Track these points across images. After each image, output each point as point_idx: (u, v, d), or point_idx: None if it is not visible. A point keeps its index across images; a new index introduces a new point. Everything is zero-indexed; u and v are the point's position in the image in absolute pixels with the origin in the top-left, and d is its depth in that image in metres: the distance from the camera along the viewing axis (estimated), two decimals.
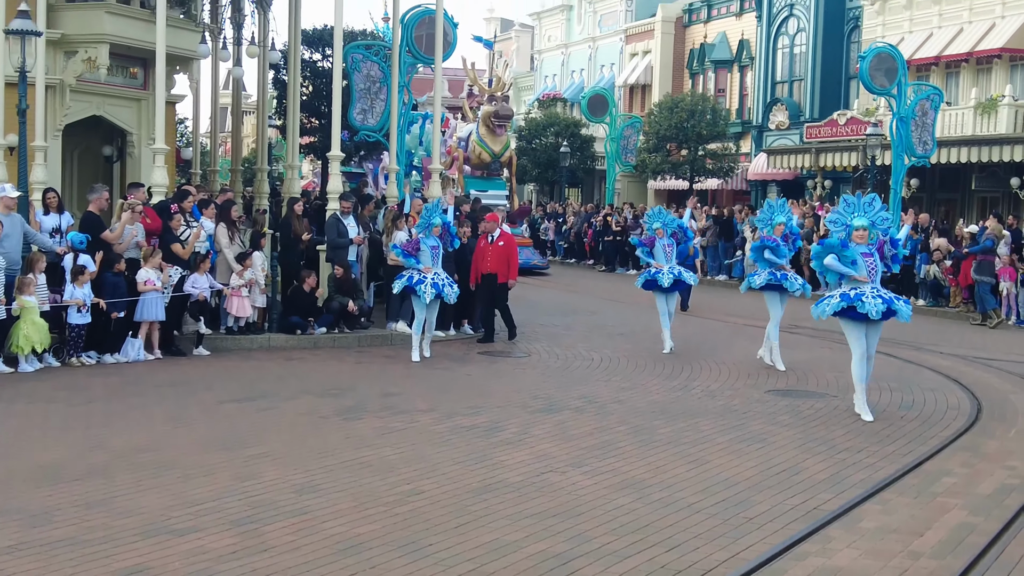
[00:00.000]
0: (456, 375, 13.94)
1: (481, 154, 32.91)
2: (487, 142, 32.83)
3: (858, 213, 11.38)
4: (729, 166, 40.97)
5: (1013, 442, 10.57)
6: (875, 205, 11.41)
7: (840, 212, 11.58)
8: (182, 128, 39.06)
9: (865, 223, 11.30)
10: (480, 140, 32.93)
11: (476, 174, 33.23)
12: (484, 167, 33.19)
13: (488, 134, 32.85)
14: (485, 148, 32.84)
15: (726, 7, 45.72)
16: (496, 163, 33.24)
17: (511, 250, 16.96)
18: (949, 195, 34.28)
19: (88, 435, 9.88)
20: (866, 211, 11.39)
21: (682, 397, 12.62)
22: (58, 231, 14.70)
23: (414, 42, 20.16)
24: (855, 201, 11.53)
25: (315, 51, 31.11)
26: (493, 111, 32.58)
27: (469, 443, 9.87)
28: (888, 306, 11.18)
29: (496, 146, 32.94)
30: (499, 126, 32.90)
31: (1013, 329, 20.90)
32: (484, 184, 32.72)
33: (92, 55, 17.85)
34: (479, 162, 33.07)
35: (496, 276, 16.74)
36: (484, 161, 33.03)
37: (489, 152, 32.87)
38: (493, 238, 16.82)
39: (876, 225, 11.37)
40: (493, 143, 32.88)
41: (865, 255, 11.30)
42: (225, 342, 15.55)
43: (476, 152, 32.98)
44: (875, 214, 11.38)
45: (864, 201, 11.48)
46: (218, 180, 25.84)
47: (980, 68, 33.49)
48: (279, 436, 10.00)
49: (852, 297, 11.18)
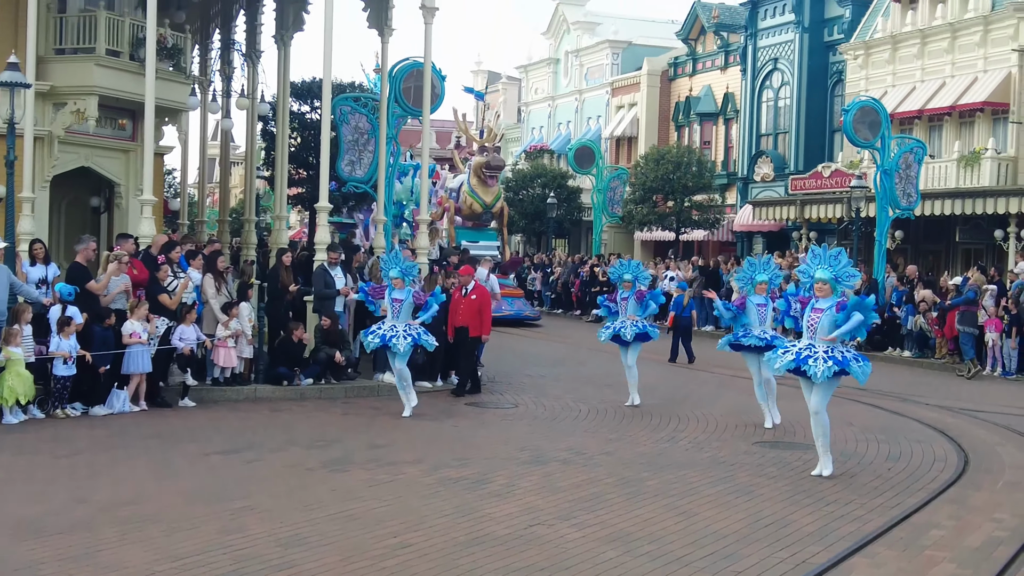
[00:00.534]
0: (443, 426, 13.90)
1: (472, 205, 32.81)
2: (478, 193, 32.75)
3: (822, 265, 11.10)
4: (715, 217, 41.18)
5: (1000, 494, 10.56)
6: (841, 259, 11.09)
7: (808, 263, 11.38)
8: (170, 179, 39.18)
9: (826, 276, 10.99)
10: (471, 191, 32.80)
11: (467, 225, 33.14)
12: (475, 218, 33.14)
13: (479, 185, 32.76)
14: (476, 199, 32.75)
15: (711, 61, 46.18)
16: (487, 214, 33.19)
17: (484, 304, 16.74)
18: (934, 247, 34.48)
19: (72, 488, 9.81)
20: (831, 264, 11.06)
21: (669, 449, 12.60)
22: (44, 282, 14.67)
23: (402, 94, 20.30)
24: (821, 253, 11.27)
25: (303, 103, 31.30)
26: (484, 162, 32.50)
27: (456, 495, 9.82)
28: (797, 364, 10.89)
29: (487, 197, 32.88)
30: (490, 177, 32.81)
31: (999, 380, 20.96)
32: (475, 235, 32.66)
33: (81, 107, 17.95)
34: (470, 213, 32.96)
35: (468, 329, 16.56)
36: (475, 212, 32.95)
37: (480, 203, 32.82)
38: (467, 291, 16.66)
39: (840, 280, 11.01)
40: (484, 194, 32.82)
41: (815, 310, 11.02)
42: (211, 393, 15.48)
43: (467, 203, 32.84)
44: (840, 268, 11.04)
45: (830, 254, 11.17)
46: (205, 231, 25.88)
47: (963, 121, 33.82)
48: (265, 488, 9.94)
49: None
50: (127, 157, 19.89)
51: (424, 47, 19.67)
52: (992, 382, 20.75)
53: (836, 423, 14.34)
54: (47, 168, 18.10)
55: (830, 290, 10.96)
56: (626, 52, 51.89)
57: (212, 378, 15.81)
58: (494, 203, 33.15)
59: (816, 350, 10.83)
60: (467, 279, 16.77)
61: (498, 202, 33.44)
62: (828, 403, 11.11)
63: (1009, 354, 21.29)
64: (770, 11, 41.90)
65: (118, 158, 19.89)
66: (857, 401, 17.04)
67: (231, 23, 24.19)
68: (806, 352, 10.88)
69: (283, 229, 22.55)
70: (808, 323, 11.04)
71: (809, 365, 10.75)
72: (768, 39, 41.97)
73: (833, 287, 10.97)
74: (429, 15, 19.41)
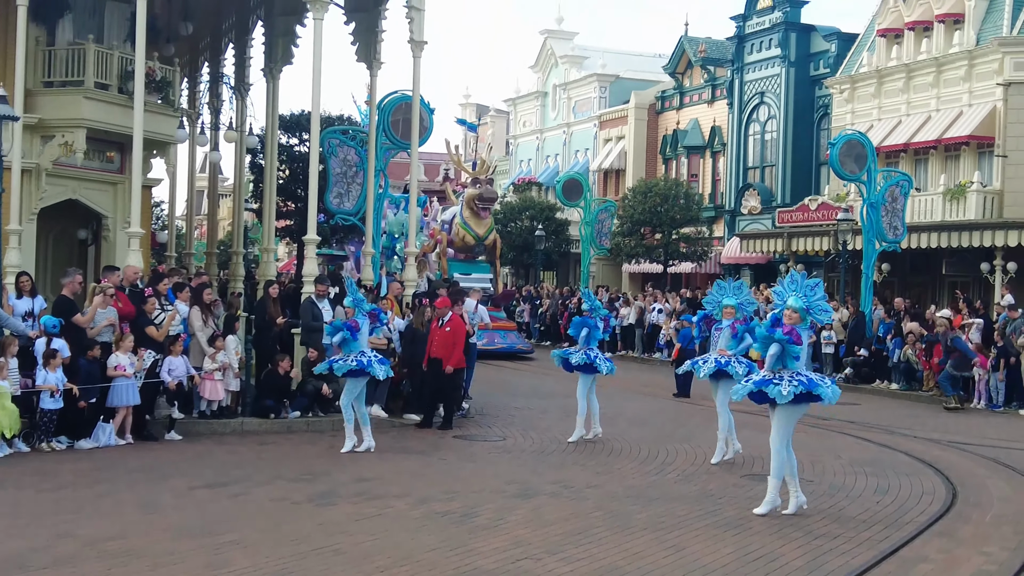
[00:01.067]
0: (430, 460, 13.84)
1: (465, 237, 32.69)
2: (471, 225, 32.64)
3: (797, 293, 10.73)
4: (703, 250, 41.32)
5: (989, 527, 10.55)
6: (817, 291, 10.76)
7: (784, 287, 10.98)
8: (158, 211, 39.16)
9: (797, 305, 10.62)
10: (464, 223, 32.70)
11: (459, 257, 32.99)
12: (468, 250, 33.06)
13: (472, 217, 32.66)
14: (469, 231, 32.62)
15: (698, 95, 46.47)
16: (480, 246, 33.08)
17: (457, 336, 16.41)
18: (920, 279, 34.61)
19: (57, 522, 9.73)
20: (806, 294, 10.71)
21: (658, 482, 12.57)
22: (31, 315, 14.60)
23: (391, 127, 20.39)
24: (800, 279, 10.89)
25: (292, 136, 31.41)
26: (477, 194, 32.42)
27: (444, 529, 9.77)
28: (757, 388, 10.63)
29: (480, 229, 32.77)
30: (483, 209, 32.75)
31: (986, 413, 20.97)
32: (468, 267, 32.54)
33: (69, 139, 17.95)
34: (463, 245, 32.85)
35: (442, 361, 16.26)
36: (468, 244, 32.83)
37: (473, 235, 32.66)
38: (443, 322, 16.39)
39: (812, 312, 10.67)
40: (477, 226, 32.71)
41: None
42: (198, 426, 15.40)
43: (460, 235, 32.72)
44: (814, 300, 10.70)
45: (807, 283, 10.83)
46: (193, 263, 25.85)
47: (948, 155, 34.05)
48: (251, 523, 9.87)
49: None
50: (115, 189, 19.87)
51: (413, 80, 19.76)
52: (980, 415, 20.77)
53: (824, 455, 14.40)
54: (35, 201, 18.08)
55: (799, 320, 10.65)
56: (614, 85, 52.20)
57: (199, 411, 15.73)
58: (487, 235, 33.05)
59: (781, 375, 10.53)
60: (444, 311, 16.55)
61: (491, 234, 33.35)
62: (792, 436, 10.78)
63: (996, 387, 21.32)
64: (756, 45, 42.23)
65: (106, 191, 19.87)
66: (845, 434, 17.06)
67: (220, 56, 24.29)
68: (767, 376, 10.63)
69: (271, 261, 22.53)
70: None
71: (771, 387, 10.46)
72: (754, 73, 42.27)
73: (803, 317, 10.66)
74: (418, 49, 19.50)
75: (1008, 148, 31.65)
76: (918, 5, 35.05)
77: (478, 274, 32.40)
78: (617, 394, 20.87)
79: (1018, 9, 32.67)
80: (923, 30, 35.18)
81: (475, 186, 32.66)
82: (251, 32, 23.21)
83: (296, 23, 21.98)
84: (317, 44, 17.13)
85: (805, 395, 10.45)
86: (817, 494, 11.88)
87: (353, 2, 20.60)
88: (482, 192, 32.46)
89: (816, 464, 13.77)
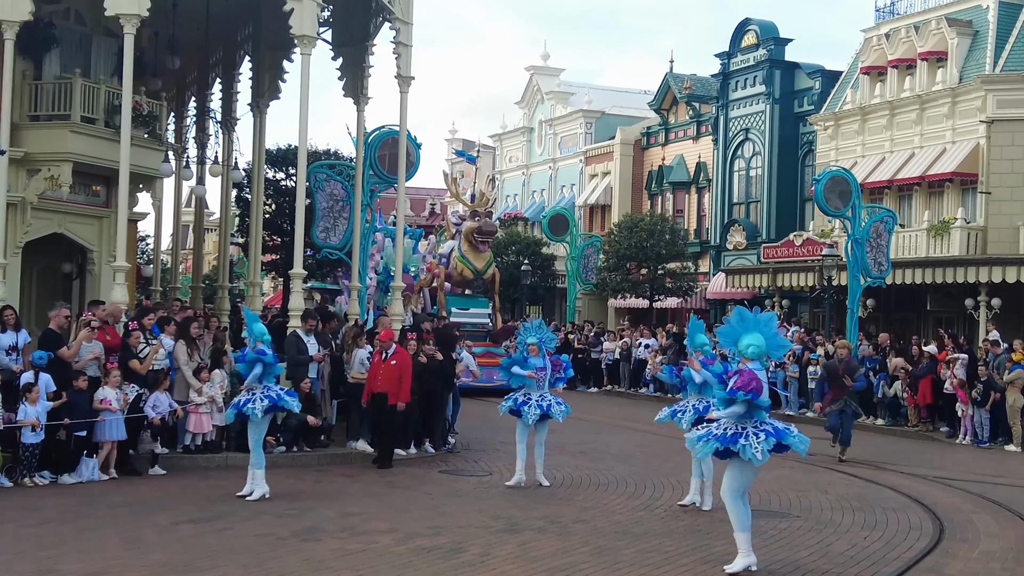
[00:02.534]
0: (416, 494, 13.77)
1: (463, 271, 31.67)
2: (469, 259, 31.61)
3: (751, 331, 9.60)
4: (688, 285, 41.42)
5: (977, 563, 10.53)
6: (771, 325, 9.66)
7: (732, 325, 9.76)
8: (143, 245, 39.07)
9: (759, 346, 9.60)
10: (462, 257, 31.68)
11: (457, 291, 32.14)
12: (466, 284, 32.09)
13: (471, 250, 31.59)
14: (468, 265, 31.61)
15: (683, 131, 46.75)
16: (479, 280, 32.08)
17: (403, 369, 15.89)
18: (905, 315, 34.73)
19: (40, 558, 9.63)
20: (761, 330, 9.59)
21: (645, 517, 12.52)
22: (14, 349, 14.52)
23: (377, 162, 20.39)
24: (748, 316, 9.73)
25: (279, 170, 31.38)
26: (476, 227, 31.29)
27: (430, 565, 9.70)
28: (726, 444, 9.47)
29: (479, 263, 31.73)
30: (482, 242, 31.66)
31: (971, 448, 20.97)
32: (466, 302, 31.69)
33: (55, 173, 17.91)
34: (461, 279, 31.86)
35: (387, 396, 15.79)
36: (466, 278, 31.84)
37: (472, 269, 31.65)
38: (387, 355, 15.94)
39: (769, 351, 9.58)
40: (476, 260, 31.66)
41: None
42: (182, 461, 15.30)
43: (458, 269, 31.69)
44: (771, 337, 9.61)
45: (759, 320, 9.69)
46: (178, 297, 25.75)
47: (932, 191, 34.28)
48: (235, 558, 9.79)
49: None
50: (100, 223, 19.82)
51: (400, 115, 19.80)
52: (966, 450, 20.78)
53: (810, 491, 14.38)
54: (19, 234, 18.01)
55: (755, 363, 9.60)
56: (599, 122, 52.49)
57: (183, 445, 15.63)
58: (486, 269, 32.07)
59: (744, 426, 9.43)
60: (387, 344, 16.05)
61: (489, 268, 32.37)
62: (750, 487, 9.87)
63: (981, 422, 21.33)
64: (741, 83, 42.55)
65: (91, 224, 19.82)
66: (832, 469, 17.04)
67: (207, 91, 24.32)
68: (732, 430, 9.48)
69: (257, 295, 22.48)
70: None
71: (741, 445, 9.31)
72: (739, 110, 42.57)
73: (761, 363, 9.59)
74: (405, 84, 19.56)
75: (991, 184, 31.91)
76: (901, 43, 35.40)
77: (476, 309, 31.63)
78: (604, 429, 20.83)
79: (1000, 47, 33.03)
80: (906, 68, 35.51)
81: (474, 219, 31.56)
82: (238, 67, 23.27)
83: (283, 58, 22.06)
84: (304, 79, 17.16)
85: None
86: (804, 530, 11.86)
87: (340, 37, 20.69)
88: (481, 225, 31.38)
89: (803, 499, 13.75)
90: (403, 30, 19.13)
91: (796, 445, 9.48)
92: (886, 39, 36.07)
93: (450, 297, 31.63)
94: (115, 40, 18.53)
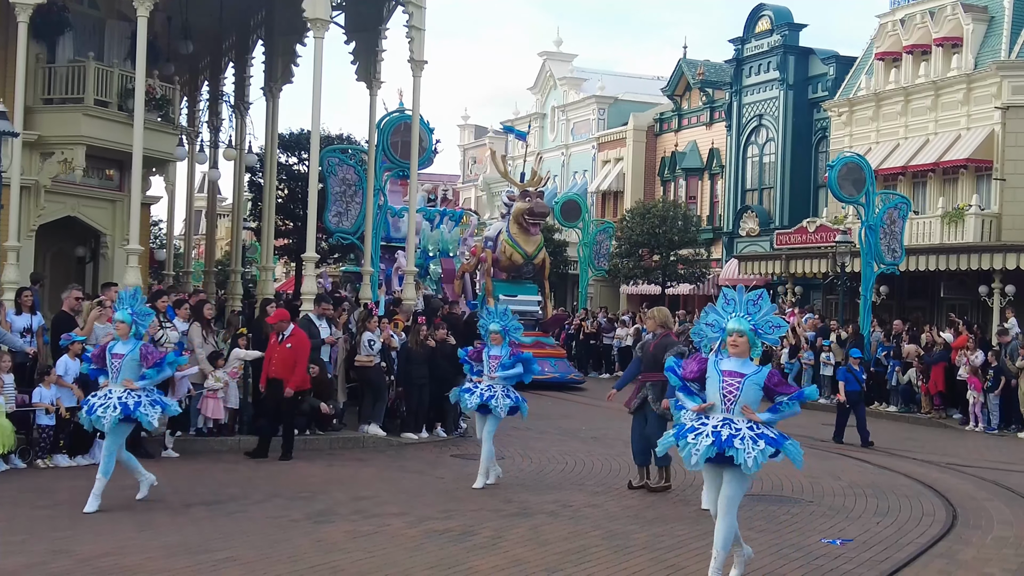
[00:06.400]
0: (428, 478, 13.79)
1: (512, 255, 29.35)
2: (519, 242, 29.28)
3: (736, 313, 8.51)
4: (701, 271, 41.33)
5: (989, 549, 10.51)
6: (761, 305, 8.49)
7: (718, 311, 8.66)
8: (156, 230, 39.18)
9: (741, 327, 8.38)
10: (511, 240, 29.34)
11: (503, 277, 29.90)
12: (515, 269, 29.81)
13: (520, 233, 29.26)
14: (517, 248, 29.29)
15: (696, 117, 46.60)
16: (528, 265, 29.78)
17: (300, 352, 14.80)
18: (918, 302, 34.61)
19: (52, 539, 9.67)
20: (749, 311, 8.47)
21: (657, 502, 12.51)
22: (29, 331, 14.58)
23: (390, 148, 20.38)
24: (736, 297, 8.60)
25: (291, 155, 31.38)
26: (527, 208, 28.88)
27: (442, 548, 9.71)
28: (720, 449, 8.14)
29: (529, 247, 29.40)
30: (533, 224, 29.36)
31: (983, 435, 20.92)
32: (514, 288, 29.58)
33: (68, 156, 17.97)
34: (509, 264, 29.60)
35: (282, 382, 14.73)
36: (515, 263, 29.55)
37: (522, 253, 29.31)
38: (283, 337, 14.85)
39: (761, 332, 8.41)
40: (526, 243, 29.34)
41: (728, 374, 8.30)
42: (195, 444, 15.34)
43: (507, 253, 29.41)
44: (760, 317, 8.44)
45: (747, 299, 8.56)
46: (191, 282, 25.84)
47: (946, 178, 34.12)
48: (247, 540, 9.81)
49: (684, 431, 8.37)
50: (114, 207, 19.88)
51: (412, 100, 19.79)
52: (978, 437, 20.73)
53: (823, 477, 14.35)
54: (33, 217, 18.08)
55: (748, 346, 8.41)
56: (612, 108, 52.35)
57: (196, 429, 15.67)
58: (536, 253, 29.69)
59: (738, 427, 8.24)
60: (282, 325, 14.95)
61: (540, 252, 29.93)
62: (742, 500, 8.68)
63: (992, 409, 21.26)
64: (755, 68, 42.37)
65: (104, 208, 19.88)
66: (845, 456, 17.01)
67: (220, 75, 24.35)
68: (726, 431, 8.23)
69: (269, 280, 22.53)
70: (724, 391, 8.31)
71: (736, 449, 8.12)
72: (753, 96, 42.40)
73: (752, 341, 8.42)
74: (418, 68, 19.54)
75: (1006, 171, 31.74)
76: (916, 29, 35.20)
77: (525, 296, 29.60)
78: (616, 415, 20.81)
79: (1016, 33, 32.82)
80: (921, 54, 35.31)
81: (525, 199, 29.12)
82: (251, 51, 23.29)
83: (296, 42, 22.06)
84: (317, 63, 17.16)
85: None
86: (817, 515, 11.84)
87: (353, 22, 20.67)
88: (533, 206, 28.90)
89: (815, 485, 13.73)
90: (416, 14, 19.11)
91: (791, 454, 8.35)
92: (901, 25, 35.87)
93: (497, 283, 29.73)
94: (128, 24, 18.56)
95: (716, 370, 8.33)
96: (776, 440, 8.22)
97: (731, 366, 8.30)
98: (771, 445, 8.17)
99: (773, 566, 9.40)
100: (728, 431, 8.14)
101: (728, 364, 8.31)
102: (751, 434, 8.14)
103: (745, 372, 8.27)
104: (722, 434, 8.12)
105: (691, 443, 8.20)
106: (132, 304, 11.38)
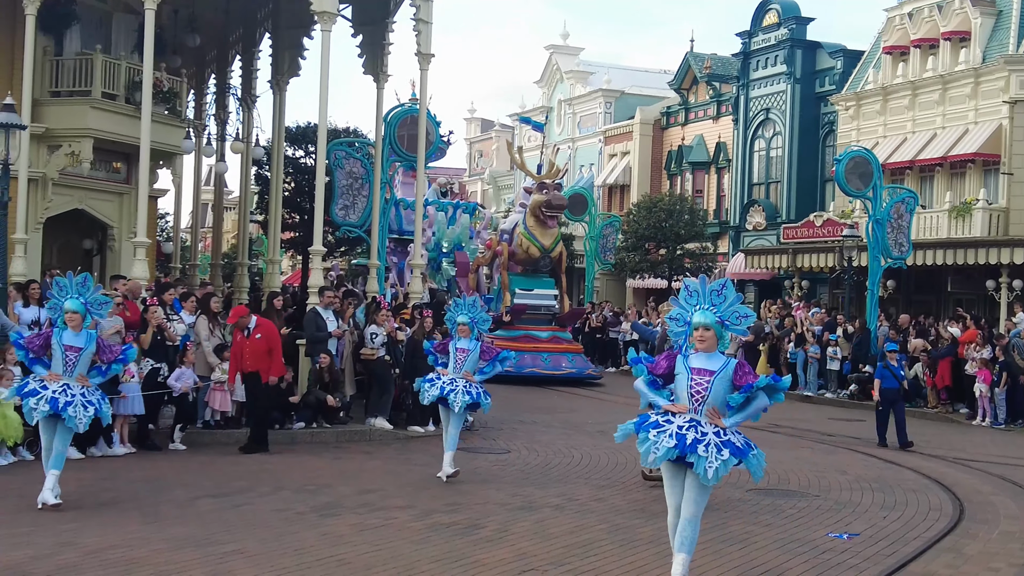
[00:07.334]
0: (434, 472, 13.77)
1: (529, 248, 28.77)
2: (536, 235, 28.65)
3: (700, 305, 8.08)
4: (707, 265, 41.28)
5: (996, 544, 10.49)
6: (726, 296, 8.01)
7: (682, 305, 8.23)
8: (163, 223, 39.19)
9: (707, 320, 7.94)
10: (528, 233, 28.72)
11: (519, 270, 29.43)
12: (531, 263, 29.24)
13: (537, 226, 28.62)
14: (534, 242, 28.69)
15: (703, 111, 46.52)
16: (545, 259, 29.15)
17: (272, 342, 14.72)
18: (925, 297, 34.55)
19: (59, 531, 9.69)
20: (714, 302, 8.02)
21: (661, 496, 12.41)
22: (37, 324, 14.60)
23: (397, 141, 20.37)
24: (699, 289, 8.14)
25: (298, 148, 31.37)
26: (544, 200, 28.24)
27: (447, 541, 9.72)
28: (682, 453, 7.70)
29: (546, 240, 28.75)
30: (550, 217, 28.71)
31: (990, 430, 20.89)
32: (530, 282, 29.13)
33: (76, 149, 18.01)
34: (526, 257, 29.02)
35: (259, 375, 14.64)
36: (532, 256, 28.94)
37: (538, 246, 28.69)
38: (249, 331, 14.67)
39: (728, 324, 7.97)
40: (543, 236, 28.69)
41: (697, 371, 7.85)
42: (202, 436, 15.36)
43: (524, 246, 28.81)
44: (725, 308, 7.98)
45: (710, 289, 8.07)
46: (198, 275, 25.87)
47: (954, 172, 34.03)
48: (254, 533, 9.83)
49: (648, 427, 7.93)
50: (121, 200, 19.92)
51: (420, 93, 19.78)
52: (984, 432, 20.69)
53: (829, 471, 14.34)
54: (40, 210, 18.12)
55: (715, 340, 7.96)
56: (619, 101, 52.25)
57: (203, 421, 15.70)
58: (553, 247, 29.05)
59: (704, 431, 7.77)
60: (245, 320, 14.77)
61: (557, 246, 29.32)
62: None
63: (999, 404, 21.22)
64: (762, 62, 42.27)
65: (112, 200, 19.92)
66: (851, 450, 17.00)
67: (227, 68, 24.35)
68: (691, 434, 7.76)
69: (276, 273, 22.55)
70: (692, 390, 7.87)
71: (698, 455, 7.68)
72: (760, 90, 42.31)
73: (719, 335, 7.96)
74: (425, 61, 19.53)
75: (1014, 166, 31.66)
76: (924, 23, 35.10)
77: (541, 290, 29.06)
78: (622, 408, 20.81)
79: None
80: (929, 48, 35.20)
81: (542, 192, 28.52)
82: (258, 44, 23.30)
83: (303, 35, 22.07)
84: (324, 56, 17.16)
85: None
86: (823, 509, 11.84)
87: (360, 15, 20.66)
88: (550, 199, 28.22)
89: (822, 479, 13.72)
90: (423, 7, 19.11)
91: (752, 467, 7.91)
92: (909, 18, 35.78)
93: (513, 277, 29.28)
94: (135, 17, 18.58)
95: (685, 367, 7.89)
96: (741, 450, 7.75)
97: (700, 363, 7.85)
98: (735, 455, 7.71)
99: (779, 560, 9.41)
100: (693, 435, 7.68)
101: (696, 361, 7.87)
102: (716, 440, 7.67)
103: (714, 369, 7.82)
104: (686, 437, 7.67)
105: (652, 440, 7.78)
106: (83, 293, 10.60)
